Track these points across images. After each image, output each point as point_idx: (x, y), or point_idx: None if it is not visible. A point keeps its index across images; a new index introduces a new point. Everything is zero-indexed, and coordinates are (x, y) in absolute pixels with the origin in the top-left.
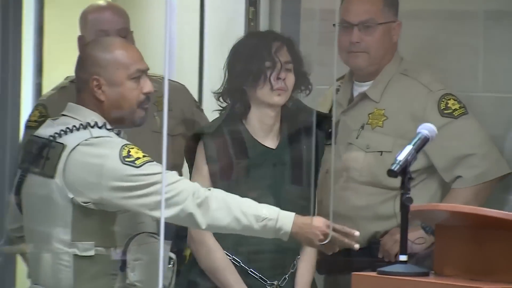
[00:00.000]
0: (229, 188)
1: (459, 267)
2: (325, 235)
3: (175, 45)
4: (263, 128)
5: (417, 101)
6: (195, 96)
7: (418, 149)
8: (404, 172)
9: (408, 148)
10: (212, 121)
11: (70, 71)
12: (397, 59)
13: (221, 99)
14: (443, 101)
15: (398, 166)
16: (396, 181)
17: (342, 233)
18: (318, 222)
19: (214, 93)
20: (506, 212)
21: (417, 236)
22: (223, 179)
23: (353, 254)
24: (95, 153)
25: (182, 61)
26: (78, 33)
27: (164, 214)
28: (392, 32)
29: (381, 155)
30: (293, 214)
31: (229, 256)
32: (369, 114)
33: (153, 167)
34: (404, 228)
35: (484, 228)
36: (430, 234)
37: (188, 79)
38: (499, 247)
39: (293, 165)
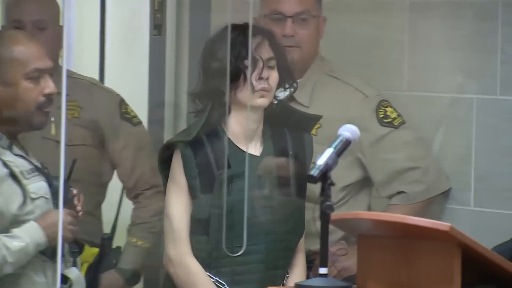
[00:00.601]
0: (211, 202)
1: (383, 280)
2: (70, 223)
3: (73, 38)
4: (246, 133)
5: (352, 107)
6: None
7: (339, 153)
8: (324, 178)
9: (329, 152)
10: (189, 127)
11: None
12: (319, 58)
13: (197, 101)
14: (381, 109)
15: (317, 171)
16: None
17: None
18: (57, 215)
19: (189, 94)
20: (432, 221)
21: (338, 247)
22: (204, 192)
23: None
24: None
25: (81, 56)
26: None
27: None
28: (320, 26)
29: None
30: (35, 223)
31: (212, 278)
32: None
33: None
34: (324, 239)
35: (410, 238)
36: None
37: (88, 75)
38: (426, 258)
39: (280, 174)
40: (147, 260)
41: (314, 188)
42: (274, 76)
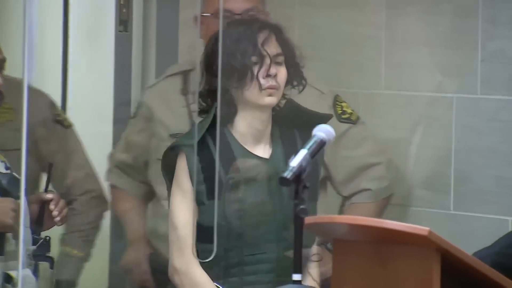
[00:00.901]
0: (218, 208)
1: (359, 287)
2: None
3: (35, 36)
4: (253, 134)
5: (309, 105)
6: (58, 96)
7: (314, 154)
8: (298, 180)
9: (303, 153)
10: (194, 128)
11: None
12: None
13: (200, 100)
14: (338, 105)
15: (291, 173)
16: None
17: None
18: (6, 201)
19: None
20: (410, 225)
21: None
22: (210, 197)
23: None
24: None
25: (43, 53)
26: None
27: None
28: None
29: None
30: None
31: None
32: None
33: None
34: (298, 244)
35: (387, 243)
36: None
37: (51, 76)
38: (404, 264)
39: None
40: (112, 266)
41: None
42: (282, 73)
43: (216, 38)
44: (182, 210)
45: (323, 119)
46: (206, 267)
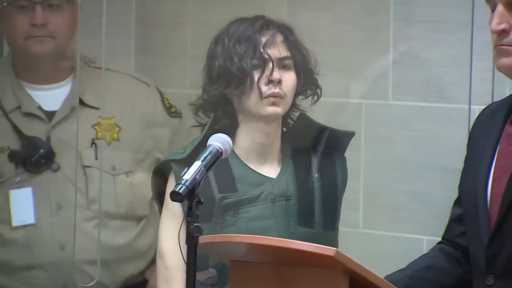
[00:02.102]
0: (212, 233)
1: None
2: None
3: None
4: (257, 150)
5: (142, 101)
6: None
7: (209, 166)
8: (191, 195)
9: (197, 165)
10: (187, 145)
11: None
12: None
13: (201, 113)
14: (165, 98)
15: (183, 187)
16: (145, 208)
17: None
18: None
19: (191, 105)
20: (315, 245)
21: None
22: (202, 221)
23: None
24: None
25: None
26: None
27: None
28: (76, 15)
29: (127, 177)
30: None
31: None
32: (95, 125)
33: None
34: (191, 266)
35: (290, 265)
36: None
37: None
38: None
39: (301, 200)
40: None
41: None
42: (289, 79)
43: (216, 40)
44: (171, 237)
45: (345, 137)
46: None
